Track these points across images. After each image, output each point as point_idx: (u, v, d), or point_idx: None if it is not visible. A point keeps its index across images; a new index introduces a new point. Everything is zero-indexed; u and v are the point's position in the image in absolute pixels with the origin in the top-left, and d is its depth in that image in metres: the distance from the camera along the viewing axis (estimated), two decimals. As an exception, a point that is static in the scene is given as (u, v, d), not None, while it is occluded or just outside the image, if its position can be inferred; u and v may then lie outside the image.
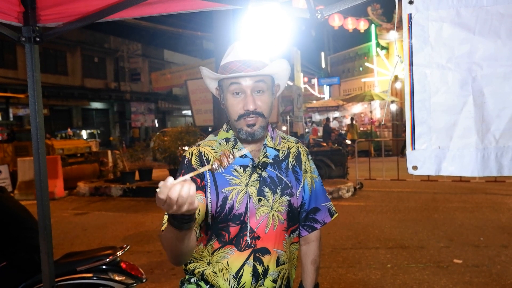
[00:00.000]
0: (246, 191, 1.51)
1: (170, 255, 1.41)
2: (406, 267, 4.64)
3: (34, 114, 2.09)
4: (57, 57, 28.20)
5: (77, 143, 14.16)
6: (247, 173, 1.53)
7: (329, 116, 23.62)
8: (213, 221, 1.51)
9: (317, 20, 1.75)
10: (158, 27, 17.62)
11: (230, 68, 1.48)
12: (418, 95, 1.40)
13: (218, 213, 1.50)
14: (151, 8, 2.07)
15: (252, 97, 1.46)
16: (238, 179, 1.52)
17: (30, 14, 2.07)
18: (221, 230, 1.51)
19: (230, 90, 1.49)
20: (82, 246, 5.90)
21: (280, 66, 1.51)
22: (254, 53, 1.49)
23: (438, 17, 1.36)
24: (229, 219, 1.50)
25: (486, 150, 1.39)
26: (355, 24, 19.13)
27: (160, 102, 36.02)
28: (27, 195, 9.76)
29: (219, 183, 1.51)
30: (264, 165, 1.55)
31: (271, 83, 1.54)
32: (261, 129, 1.50)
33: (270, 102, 1.52)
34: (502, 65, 1.34)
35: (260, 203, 1.52)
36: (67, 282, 2.74)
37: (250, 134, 1.49)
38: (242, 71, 1.45)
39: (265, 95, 1.49)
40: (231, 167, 1.53)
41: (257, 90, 1.47)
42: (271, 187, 1.54)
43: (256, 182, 1.53)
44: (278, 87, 1.60)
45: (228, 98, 1.50)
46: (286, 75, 1.58)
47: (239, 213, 1.50)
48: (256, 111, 1.47)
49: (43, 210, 2.13)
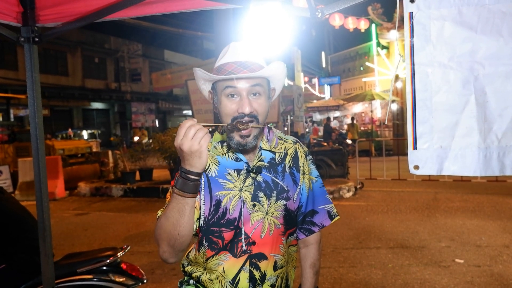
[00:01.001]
0: (240, 196, 1.48)
1: (166, 241, 1.38)
2: (408, 266, 4.63)
3: (33, 115, 2.08)
4: (58, 57, 28.23)
5: (78, 144, 14.16)
6: (241, 177, 1.50)
7: (329, 115, 23.61)
8: (206, 224, 1.48)
9: (317, 19, 1.74)
10: (159, 27, 17.59)
11: (225, 69, 1.42)
12: (419, 94, 1.39)
13: (211, 216, 1.47)
14: (151, 8, 2.06)
15: (248, 100, 1.41)
16: (232, 184, 1.49)
17: (29, 14, 2.06)
18: (214, 236, 1.48)
19: (225, 92, 1.43)
20: (83, 246, 5.89)
21: (277, 68, 1.46)
22: (251, 54, 1.45)
23: (439, 16, 1.35)
24: (222, 224, 1.47)
25: (488, 149, 1.38)
26: (355, 24, 19.11)
27: (161, 102, 36.01)
28: (28, 195, 9.76)
29: (213, 186, 1.48)
30: (258, 170, 1.51)
31: (267, 87, 1.49)
32: (254, 139, 1.45)
33: (267, 106, 1.47)
34: (505, 64, 1.33)
35: (254, 208, 1.48)
36: (67, 284, 2.73)
37: (241, 145, 1.44)
38: (238, 73, 1.40)
39: (262, 99, 1.44)
40: (225, 170, 1.50)
41: (253, 93, 1.42)
42: (266, 192, 1.50)
43: (251, 187, 1.49)
44: (273, 91, 1.55)
45: (223, 100, 1.44)
46: (282, 79, 1.54)
47: (232, 218, 1.47)
48: (251, 114, 1.41)
49: (43, 211, 2.12)
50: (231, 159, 1.52)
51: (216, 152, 1.53)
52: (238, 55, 1.44)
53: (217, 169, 1.50)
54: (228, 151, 1.52)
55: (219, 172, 1.49)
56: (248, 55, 1.44)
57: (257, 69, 1.42)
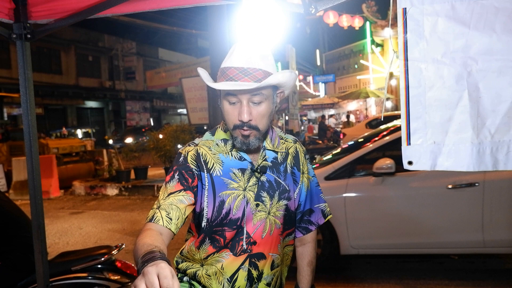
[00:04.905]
0: (244, 196, 1.47)
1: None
2: (402, 263, 4.65)
3: (26, 112, 2.06)
4: (51, 56, 28.07)
5: (72, 142, 14.08)
6: (246, 177, 1.49)
7: (324, 113, 23.67)
8: (208, 224, 1.47)
9: (311, 15, 1.73)
10: (153, 25, 17.54)
11: (227, 74, 1.38)
12: (413, 90, 1.39)
13: (214, 218, 1.46)
14: (144, 4, 2.04)
15: (248, 108, 1.38)
16: (236, 183, 1.47)
17: (21, 10, 2.04)
18: (216, 234, 1.48)
19: (226, 97, 1.40)
20: (77, 245, 5.87)
21: (281, 78, 1.39)
22: (255, 59, 1.37)
23: (433, 11, 1.34)
24: (225, 224, 1.46)
25: (481, 144, 1.38)
26: (350, 21, 19.15)
27: (156, 100, 35.92)
28: (22, 194, 9.72)
29: (217, 186, 1.46)
30: (263, 169, 1.50)
31: (272, 91, 1.44)
32: (256, 139, 1.43)
33: (268, 112, 1.43)
34: (498, 59, 1.33)
35: (257, 208, 1.48)
36: (62, 282, 2.72)
37: (244, 144, 1.42)
38: (239, 80, 1.35)
39: (263, 106, 1.40)
40: (229, 170, 1.48)
41: (252, 102, 1.39)
42: (269, 191, 1.50)
43: (254, 186, 1.48)
44: (282, 93, 1.50)
45: (224, 104, 1.42)
46: (290, 85, 1.47)
47: (235, 218, 1.46)
48: (250, 123, 1.39)
49: (37, 209, 2.11)
50: (235, 158, 1.50)
51: (218, 149, 1.51)
52: (241, 60, 1.37)
53: (222, 168, 1.48)
54: (232, 150, 1.51)
55: (224, 172, 1.48)
56: (252, 61, 1.37)
57: (260, 76, 1.36)
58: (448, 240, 4.06)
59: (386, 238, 4.17)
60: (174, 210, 1.36)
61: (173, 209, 1.36)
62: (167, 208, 1.36)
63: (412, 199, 4.15)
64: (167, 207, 1.37)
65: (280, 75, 1.38)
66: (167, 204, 1.37)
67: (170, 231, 1.34)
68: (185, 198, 1.39)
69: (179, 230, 1.39)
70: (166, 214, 1.35)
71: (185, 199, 1.39)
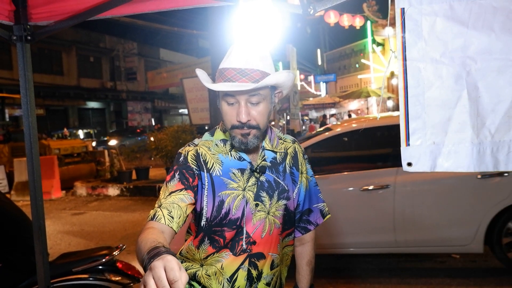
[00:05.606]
0: (243, 196, 1.47)
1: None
2: (404, 262, 4.65)
3: (26, 114, 2.07)
4: (52, 57, 28.10)
5: (74, 143, 14.10)
6: (245, 177, 1.49)
7: (326, 113, 23.66)
8: (207, 224, 1.48)
9: (310, 15, 1.73)
10: (154, 25, 17.51)
11: (225, 75, 1.38)
12: (412, 90, 1.38)
13: (214, 217, 1.47)
14: (144, 5, 2.05)
15: (246, 108, 1.38)
16: (235, 183, 1.48)
17: (21, 12, 2.04)
18: (216, 235, 1.48)
19: (224, 98, 1.41)
20: (79, 246, 5.88)
21: (279, 78, 1.39)
22: (252, 60, 1.37)
23: (431, 11, 1.34)
24: (224, 224, 1.47)
25: (481, 145, 1.37)
26: (350, 21, 19.12)
27: (157, 101, 35.93)
28: (23, 195, 9.73)
29: (216, 186, 1.47)
30: (262, 169, 1.51)
31: (270, 92, 1.44)
32: (255, 139, 1.43)
33: (267, 112, 1.43)
34: (496, 58, 1.32)
35: (257, 208, 1.48)
36: (63, 283, 2.72)
37: (243, 143, 1.42)
38: (237, 81, 1.35)
39: (261, 106, 1.40)
40: (229, 170, 1.49)
41: (250, 102, 1.39)
42: (268, 191, 1.50)
43: (254, 186, 1.49)
44: (280, 93, 1.50)
45: (223, 105, 1.42)
46: (288, 85, 1.48)
47: (235, 218, 1.47)
48: (249, 123, 1.39)
49: (37, 210, 2.11)
50: (234, 158, 1.51)
51: (218, 150, 1.51)
52: (239, 61, 1.37)
53: (221, 168, 1.49)
54: (231, 150, 1.51)
55: (223, 172, 1.48)
56: (249, 62, 1.37)
57: (257, 76, 1.36)
58: (364, 241, 4.15)
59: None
60: (176, 208, 1.37)
61: (175, 207, 1.37)
62: (168, 206, 1.37)
63: (328, 201, 4.19)
64: (168, 206, 1.37)
65: (277, 75, 1.38)
66: (169, 202, 1.38)
67: (171, 230, 1.35)
68: (186, 197, 1.40)
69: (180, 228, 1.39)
70: (167, 212, 1.36)
71: (186, 198, 1.40)
